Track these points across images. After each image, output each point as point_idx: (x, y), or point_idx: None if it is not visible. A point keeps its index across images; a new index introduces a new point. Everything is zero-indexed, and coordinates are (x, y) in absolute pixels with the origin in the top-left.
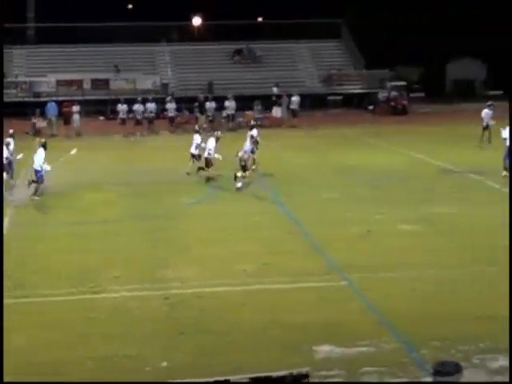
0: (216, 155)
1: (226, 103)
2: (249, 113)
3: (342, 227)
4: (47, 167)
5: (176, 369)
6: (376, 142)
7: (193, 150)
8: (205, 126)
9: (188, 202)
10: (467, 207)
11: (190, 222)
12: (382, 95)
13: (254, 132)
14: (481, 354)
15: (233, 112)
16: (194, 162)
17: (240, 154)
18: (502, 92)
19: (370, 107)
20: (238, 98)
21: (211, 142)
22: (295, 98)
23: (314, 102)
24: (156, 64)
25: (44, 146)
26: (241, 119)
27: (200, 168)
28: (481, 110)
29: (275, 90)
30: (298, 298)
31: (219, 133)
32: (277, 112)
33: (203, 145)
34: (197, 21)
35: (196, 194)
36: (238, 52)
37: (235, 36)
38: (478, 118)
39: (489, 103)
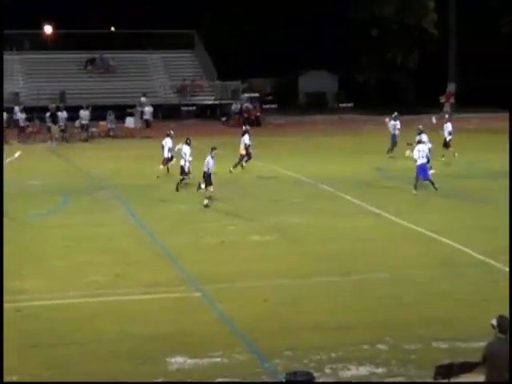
0: (176, 148)
1: (81, 113)
2: (102, 123)
3: (195, 238)
4: None
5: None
6: (229, 153)
7: (166, 154)
8: (56, 136)
9: (39, 213)
10: (319, 217)
11: (41, 233)
12: (235, 106)
13: (246, 138)
14: (332, 363)
15: (87, 122)
16: (166, 165)
17: (205, 169)
18: (352, 104)
19: (223, 118)
20: (92, 108)
21: (186, 149)
22: (148, 109)
23: (167, 113)
24: (6, 73)
25: None
26: (94, 129)
27: (181, 180)
28: (332, 122)
29: (143, 99)
30: (152, 309)
31: (190, 138)
32: (130, 122)
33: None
34: (48, 29)
35: (46, 205)
36: (91, 61)
37: (88, 45)
38: (331, 129)
39: (394, 114)
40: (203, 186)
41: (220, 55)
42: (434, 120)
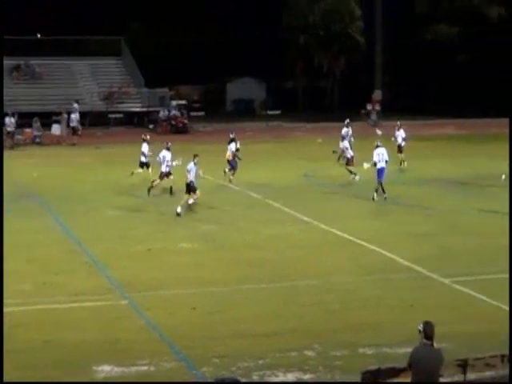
0: (174, 163)
1: (6, 120)
2: (27, 130)
3: (123, 245)
4: None
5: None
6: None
7: (142, 159)
8: None
9: None
10: (248, 224)
11: None
12: (162, 114)
13: (233, 146)
14: (260, 370)
15: (12, 129)
16: (145, 169)
17: (189, 177)
18: (279, 111)
19: (151, 126)
20: (18, 115)
21: (167, 154)
22: (75, 116)
23: (94, 120)
24: None
25: None
26: (20, 137)
27: (152, 186)
28: (260, 129)
29: (76, 105)
30: (78, 318)
31: (170, 143)
32: (56, 130)
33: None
34: None
35: None
36: (16, 68)
37: (13, 51)
38: (258, 137)
39: (346, 122)
40: (179, 209)
41: (147, 62)
42: (378, 132)
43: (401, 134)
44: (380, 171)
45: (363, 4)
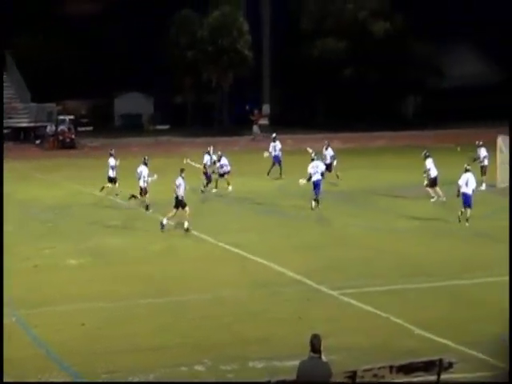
0: (150, 178)
1: None
2: None
3: (8, 262)
4: None
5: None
6: (44, 176)
7: (110, 174)
8: None
9: None
10: (137, 239)
11: None
12: (49, 129)
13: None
14: None
15: None
16: (112, 184)
17: (179, 192)
18: (168, 126)
19: (38, 141)
20: None
21: (144, 169)
22: None
23: None
24: None
25: None
26: None
27: (133, 196)
28: (148, 144)
29: None
30: None
31: (147, 157)
32: None
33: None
34: None
35: None
36: None
37: None
38: (146, 152)
39: (273, 136)
40: (165, 221)
41: (34, 77)
42: (265, 154)
43: (329, 153)
44: (316, 184)
45: (251, 19)
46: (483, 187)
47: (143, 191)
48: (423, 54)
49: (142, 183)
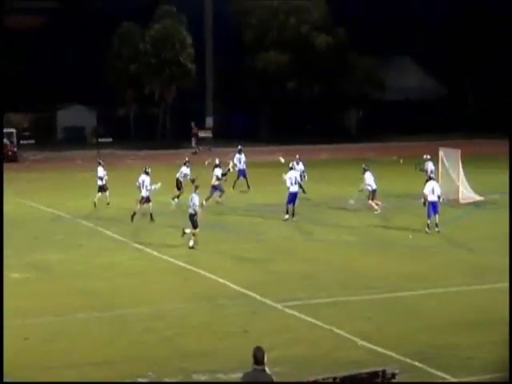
0: (153, 187)
1: None
2: None
3: None
4: None
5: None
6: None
7: (99, 182)
8: None
9: None
10: (79, 254)
11: None
12: None
13: (218, 172)
14: None
15: None
16: (103, 192)
17: (190, 210)
18: (111, 139)
19: None
20: None
21: (146, 179)
22: None
23: None
24: None
25: None
26: None
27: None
28: (91, 157)
29: None
30: None
31: (148, 167)
32: None
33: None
34: None
35: None
36: None
37: None
38: (89, 165)
39: (239, 148)
40: (188, 230)
41: None
42: (282, 160)
43: (300, 168)
44: (292, 195)
45: (194, 32)
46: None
47: (144, 200)
48: (365, 67)
49: (144, 192)
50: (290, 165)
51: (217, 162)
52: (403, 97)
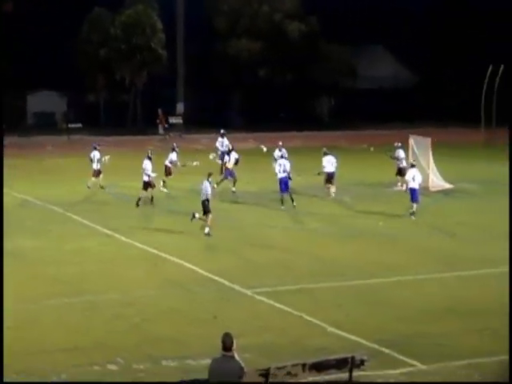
0: (153, 174)
1: None
2: None
3: None
4: None
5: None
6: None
7: (95, 166)
8: None
9: None
10: (49, 240)
11: None
12: None
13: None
14: None
15: None
16: (96, 177)
17: (203, 197)
18: (81, 125)
19: None
20: None
21: (148, 164)
22: None
23: None
24: None
25: None
26: None
27: (152, 198)
28: (61, 143)
29: None
30: None
31: (150, 152)
32: None
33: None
34: None
35: None
36: None
37: None
38: (60, 151)
39: (222, 132)
40: (197, 215)
41: None
42: (264, 148)
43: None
44: (282, 182)
45: (165, 17)
46: (403, 187)
47: (147, 185)
48: (337, 56)
49: (145, 178)
50: (280, 153)
51: (230, 147)
52: (375, 85)
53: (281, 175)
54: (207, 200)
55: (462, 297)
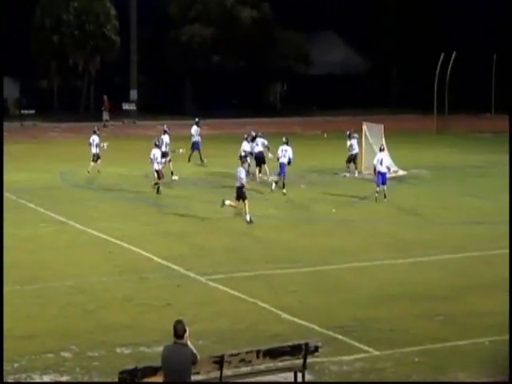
0: (164, 159)
1: None
2: None
3: None
4: None
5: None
6: None
7: (94, 150)
8: None
9: None
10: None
11: None
12: None
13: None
14: (16, 373)
15: None
16: (95, 161)
17: (237, 183)
18: (34, 111)
19: None
20: None
21: (157, 152)
22: None
23: None
24: None
25: None
26: None
27: (156, 184)
28: (14, 130)
29: None
30: None
31: (158, 139)
32: None
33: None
34: None
35: None
36: None
37: None
38: (12, 137)
39: (197, 120)
40: (227, 202)
41: None
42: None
43: (264, 142)
44: (282, 166)
45: (118, 4)
46: (356, 174)
47: (160, 174)
48: (290, 42)
49: (156, 166)
50: (284, 139)
51: (254, 134)
52: (328, 71)
53: (282, 160)
54: (242, 186)
55: (414, 283)
